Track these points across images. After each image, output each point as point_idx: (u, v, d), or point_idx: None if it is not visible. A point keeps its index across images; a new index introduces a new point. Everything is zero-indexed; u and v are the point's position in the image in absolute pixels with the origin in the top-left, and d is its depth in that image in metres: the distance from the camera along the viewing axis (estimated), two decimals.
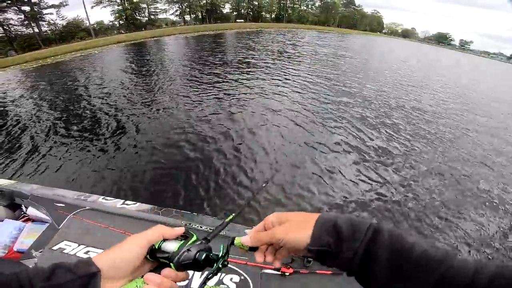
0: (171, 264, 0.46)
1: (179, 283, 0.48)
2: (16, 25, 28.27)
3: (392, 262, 0.38)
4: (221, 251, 0.50)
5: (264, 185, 1.02)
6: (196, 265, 0.47)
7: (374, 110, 7.40)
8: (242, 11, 46.18)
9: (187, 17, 41.45)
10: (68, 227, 1.53)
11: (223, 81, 9.23)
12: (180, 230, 0.52)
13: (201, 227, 1.56)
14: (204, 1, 40.76)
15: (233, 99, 7.47)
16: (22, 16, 28.28)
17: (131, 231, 1.47)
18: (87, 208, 1.68)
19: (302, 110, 6.81)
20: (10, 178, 3.51)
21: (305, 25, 47.68)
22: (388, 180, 4.20)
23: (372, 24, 61.07)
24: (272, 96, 7.82)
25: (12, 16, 27.79)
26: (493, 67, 35.97)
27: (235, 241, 0.53)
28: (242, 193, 3.63)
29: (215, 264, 0.48)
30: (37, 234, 1.54)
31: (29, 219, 1.75)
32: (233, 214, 0.69)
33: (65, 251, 1.38)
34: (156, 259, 0.49)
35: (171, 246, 0.48)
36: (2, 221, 1.66)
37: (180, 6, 39.67)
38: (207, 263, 0.47)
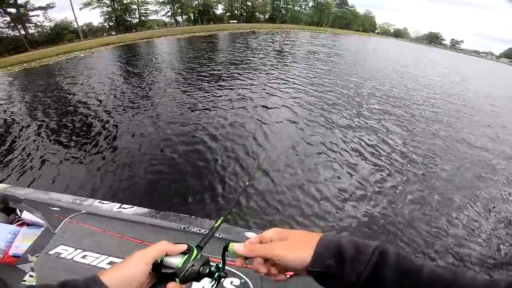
0: (176, 279, 0.50)
1: None
2: (1, 27, 27.32)
3: (400, 284, 0.37)
4: (221, 264, 0.53)
5: (247, 183, 1.07)
6: (199, 277, 0.51)
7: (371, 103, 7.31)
8: (236, 11, 45.73)
9: (179, 18, 40.82)
10: (64, 231, 1.51)
11: (222, 83, 9.10)
12: (183, 247, 0.54)
13: (199, 230, 1.53)
14: (196, 2, 40.18)
15: (233, 98, 7.40)
16: (8, 18, 27.36)
17: (129, 235, 1.46)
18: (83, 212, 1.65)
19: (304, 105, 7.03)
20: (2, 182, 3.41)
21: (298, 26, 47.42)
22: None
23: (365, 24, 61.31)
24: (275, 93, 7.98)
25: None
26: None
27: (229, 248, 0.54)
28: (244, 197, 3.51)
29: (215, 274, 0.52)
30: (32, 238, 1.53)
31: (23, 223, 1.73)
32: (221, 218, 0.73)
33: (61, 256, 1.35)
34: (157, 272, 0.52)
35: (174, 261, 0.52)
36: None
37: (172, 7, 39.02)
38: (208, 274, 0.52)
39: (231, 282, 1.26)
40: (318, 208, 3.52)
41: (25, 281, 1.33)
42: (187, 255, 0.52)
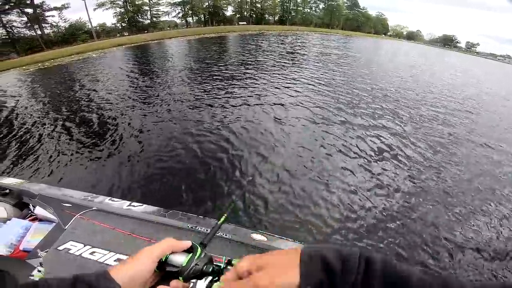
0: (180, 277, 0.51)
1: None
2: (19, 27, 28.30)
3: None
4: (223, 263, 0.54)
5: (250, 179, 1.21)
6: (201, 276, 0.52)
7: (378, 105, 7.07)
8: (245, 13, 45.97)
9: (190, 20, 41.31)
10: (75, 228, 1.52)
11: (234, 83, 9.06)
12: (187, 244, 0.55)
13: (207, 230, 1.54)
14: (207, 4, 40.62)
15: (247, 98, 7.33)
16: (25, 18, 28.30)
17: (137, 233, 1.48)
18: (94, 208, 1.67)
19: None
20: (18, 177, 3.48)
21: (309, 28, 47.28)
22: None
23: (377, 27, 60.55)
24: (288, 93, 7.90)
25: (16, 18, 27.84)
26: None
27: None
28: (250, 197, 3.41)
29: (217, 273, 0.53)
30: (43, 233, 1.54)
31: (36, 219, 1.74)
32: (225, 215, 0.72)
33: (70, 251, 1.36)
34: (162, 270, 0.53)
35: (179, 259, 0.53)
36: (10, 220, 1.66)
37: (183, 9, 39.57)
38: (211, 273, 0.53)
39: None
40: (325, 206, 3.40)
41: (33, 275, 1.33)
42: (192, 253, 0.53)
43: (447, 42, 67.25)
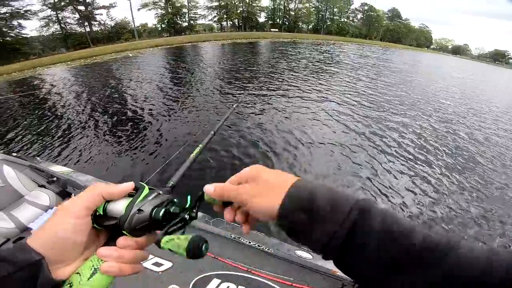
0: (123, 231, 0.37)
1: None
2: (72, 24, 30.94)
3: (385, 250, 0.30)
4: (188, 202, 0.40)
5: (235, 105, 1.30)
6: (158, 224, 0.36)
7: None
8: (278, 20, 45.88)
9: (224, 24, 42.29)
10: None
11: (272, 90, 8.91)
12: (127, 186, 0.40)
13: (215, 233, 1.48)
14: (241, 9, 41.25)
15: (282, 106, 7.17)
16: (77, 15, 30.84)
17: None
18: None
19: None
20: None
21: (344, 38, 45.56)
22: None
23: (419, 39, 56.96)
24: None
25: (69, 15, 30.46)
26: None
27: (205, 196, 0.42)
28: None
29: (179, 217, 0.38)
30: None
31: None
32: (200, 146, 0.65)
33: None
34: (101, 225, 0.38)
35: (119, 207, 0.38)
36: (51, 208, 1.67)
37: (218, 13, 40.59)
38: (171, 218, 0.37)
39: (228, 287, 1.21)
40: None
41: None
42: (132, 197, 0.38)
43: (498, 57, 61.08)
